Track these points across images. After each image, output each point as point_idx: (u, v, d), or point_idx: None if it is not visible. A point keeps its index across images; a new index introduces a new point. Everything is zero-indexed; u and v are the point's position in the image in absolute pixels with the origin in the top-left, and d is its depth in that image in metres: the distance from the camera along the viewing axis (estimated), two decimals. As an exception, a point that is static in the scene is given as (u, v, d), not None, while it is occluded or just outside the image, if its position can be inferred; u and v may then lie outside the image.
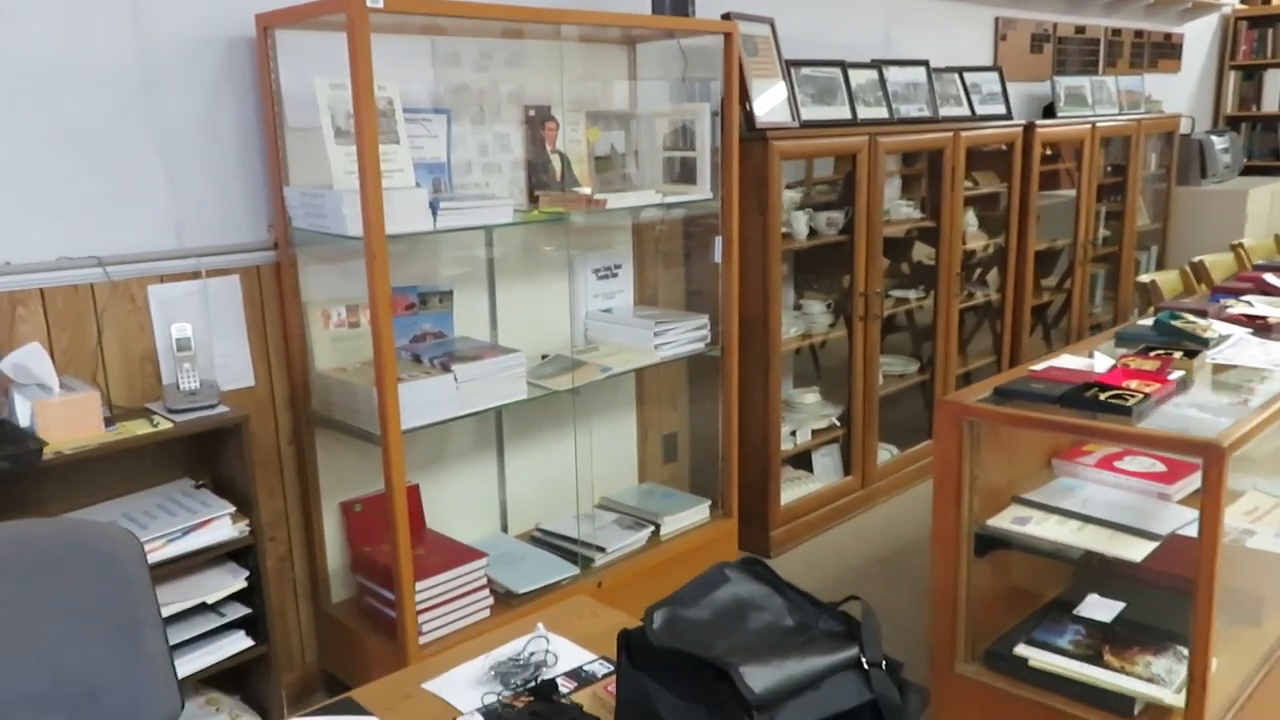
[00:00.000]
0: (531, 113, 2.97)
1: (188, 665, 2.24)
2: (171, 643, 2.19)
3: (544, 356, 3.05)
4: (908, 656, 2.60)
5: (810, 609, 1.24)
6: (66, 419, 2.07)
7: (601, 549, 2.95)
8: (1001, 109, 4.62)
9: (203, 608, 2.28)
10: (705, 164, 3.10)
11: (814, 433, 3.89)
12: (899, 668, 1.17)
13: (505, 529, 3.16)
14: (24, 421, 2.08)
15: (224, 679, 2.43)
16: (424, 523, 2.86)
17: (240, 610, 2.34)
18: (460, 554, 2.66)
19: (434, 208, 2.42)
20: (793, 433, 3.78)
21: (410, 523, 2.62)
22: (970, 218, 4.58)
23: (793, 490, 3.78)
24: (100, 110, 2.26)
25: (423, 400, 2.43)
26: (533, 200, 2.97)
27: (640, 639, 1.20)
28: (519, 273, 3.07)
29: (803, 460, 3.96)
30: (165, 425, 2.19)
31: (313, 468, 2.67)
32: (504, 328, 3.04)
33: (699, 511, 3.29)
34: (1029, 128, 4.55)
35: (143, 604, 1.67)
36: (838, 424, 3.96)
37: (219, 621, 2.30)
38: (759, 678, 1.07)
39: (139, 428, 2.17)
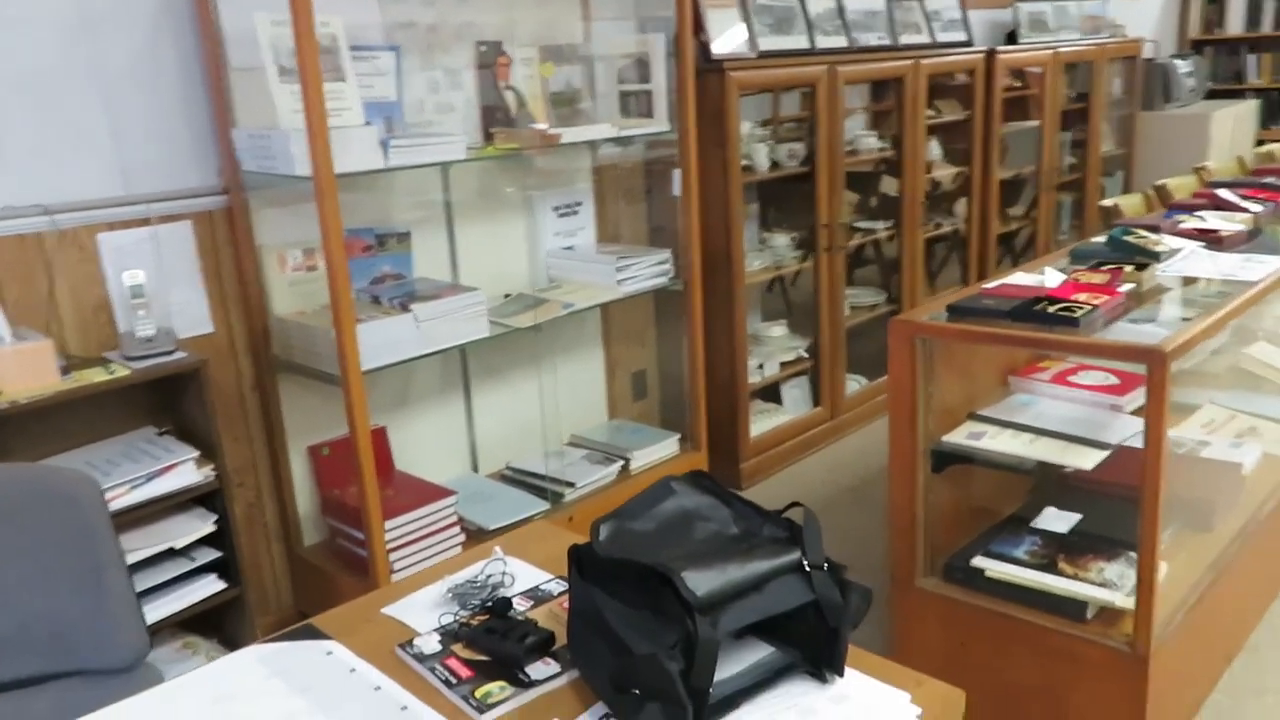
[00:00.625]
0: (483, 49, 2.93)
1: (161, 609, 2.26)
2: (143, 588, 2.22)
3: (506, 295, 3.05)
4: (874, 576, 2.66)
5: (755, 518, 1.26)
6: (20, 369, 2.06)
7: (571, 484, 2.98)
8: (963, 36, 4.59)
9: (172, 553, 2.29)
10: (661, 97, 3.07)
11: (782, 365, 3.92)
12: (841, 570, 1.20)
13: (476, 468, 3.19)
14: (-22, 373, 2.07)
15: (201, 623, 2.45)
16: (392, 464, 2.88)
17: (211, 554, 2.36)
18: (429, 493, 2.68)
19: (385, 146, 2.39)
20: (760, 366, 3.81)
21: (378, 464, 2.64)
22: (934, 147, 4.58)
23: (762, 423, 3.81)
24: (38, 53, 2.22)
25: (382, 340, 2.43)
26: (488, 138, 2.94)
27: (589, 552, 1.22)
28: (478, 213, 3.05)
29: (772, 393, 3.99)
30: (122, 373, 2.19)
31: (277, 413, 2.67)
32: (465, 268, 3.03)
33: (668, 445, 3.32)
34: (990, 55, 4.53)
35: (104, 546, 1.68)
36: (806, 356, 3.98)
37: (189, 566, 2.32)
38: (701, 581, 1.09)
39: (95, 376, 2.16)
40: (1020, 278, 2.29)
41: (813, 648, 1.19)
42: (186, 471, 2.25)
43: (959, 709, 1.17)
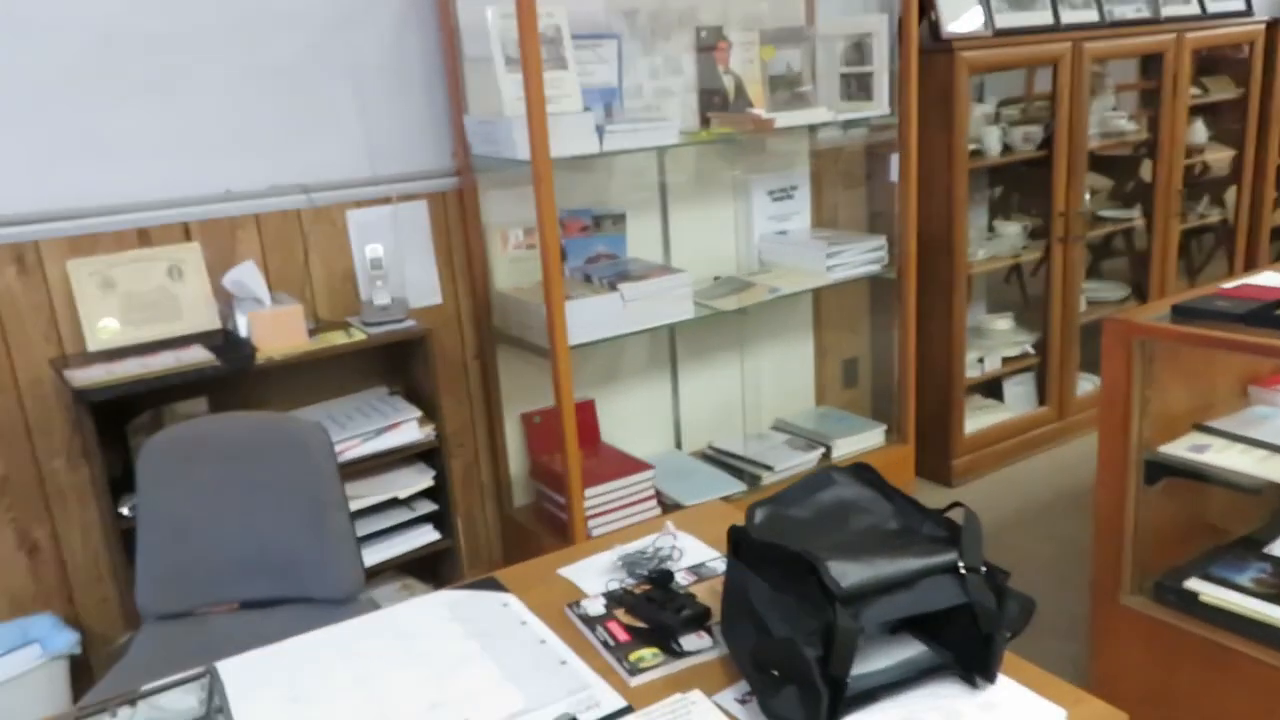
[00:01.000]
0: (703, 34, 2.98)
1: (383, 552, 2.49)
2: (369, 532, 2.46)
3: (716, 278, 3.10)
4: (1085, 589, 2.50)
5: (916, 515, 1.24)
6: (276, 329, 2.33)
7: (770, 468, 3.00)
8: (1239, 4, 4.14)
9: (395, 503, 2.52)
10: (883, 79, 3.00)
11: (1005, 360, 3.73)
12: (1001, 576, 1.16)
13: (679, 446, 3.27)
14: (242, 331, 2.36)
15: (419, 567, 2.68)
16: (598, 435, 3.01)
17: (429, 507, 2.57)
18: (629, 465, 2.78)
19: (600, 131, 2.50)
20: (980, 360, 3.65)
21: (584, 435, 2.78)
22: (1200, 130, 4.18)
23: (980, 419, 3.66)
24: (298, 50, 2.48)
25: (590, 318, 2.55)
26: (704, 123, 2.99)
27: (744, 534, 1.25)
28: (692, 196, 3.11)
29: (993, 389, 3.81)
30: (360, 336, 2.42)
31: (495, 381, 2.86)
32: (676, 250, 3.10)
33: (874, 436, 3.26)
34: (1272, 25, 4.06)
35: (329, 489, 1.89)
36: (1032, 352, 3.77)
37: (410, 516, 2.54)
38: (847, 572, 1.10)
39: (337, 338, 2.40)
40: (1268, 277, 2.07)
41: (966, 652, 1.16)
42: (410, 430, 2.47)
43: (1121, 731, 1.11)
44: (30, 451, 2.32)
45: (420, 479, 2.52)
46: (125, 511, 2.18)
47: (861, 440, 3.22)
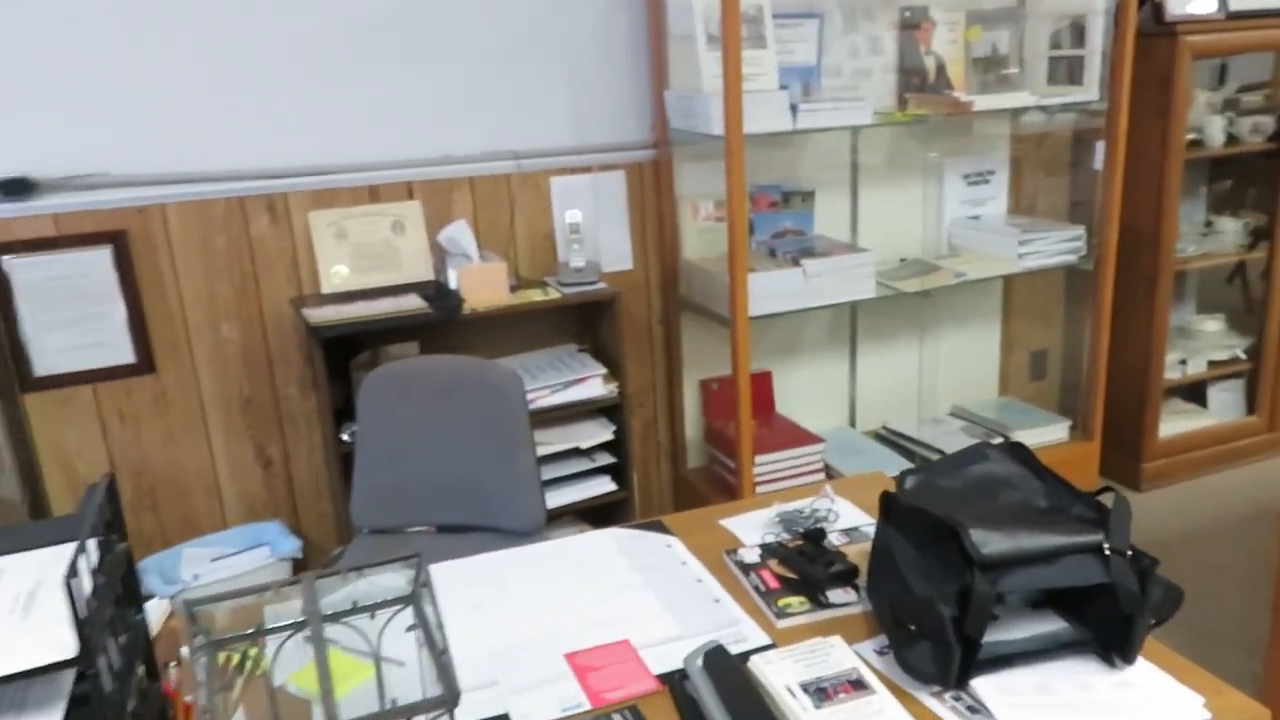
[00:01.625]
0: (907, 14, 2.97)
1: (564, 497, 2.68)
2: (550, 477, 2.65)
3: (901, 260, 3.10)
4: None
5: (1067, 496, 1.27)
6: (482, 283, 2.54)
7: (941, 452, 3.00)
8: None
9: (577, 452, 2.70)
10: (1094, 63, 2.90)
11: (1211, 364, 3.53)
12: (1150, 562, 1.18)
13: (854, 423, 3.30)
14: (452, 284, 2.59)
15: (595, 514, 2.86)
16: (773, 406, 3.09)
17: (608, 459, 2.74)
18: (801, 437, 2.86)
19: (794, 109, 2.56)
20: (1183, 361, 3.47)
21: (759, 404, 2.88)
22: None
23: (1177, 423, 3.48)
24: (518, 28, 2.67)
25: (771, 290, 2.63)
26: (902, 103, 2.99)
27: (894, 499, 1.32)
28: (884, 176, 3.12)
29: (1195, 393, 3.62)
30: (555, 295, 2.61)
31: (677, 346, 3.00)
32: (864, 229, 3.12)
33: (1056, 430, 3.19)
34: None
35: (520, 431, 2.08)
36: (1243, 357, 3.55)
37: (590, 465, 2.72)
38: (989, 541, 1.15)
39: (535, 295, 2.60)
40: None
41: (1107, 632, 1.19)
42: (595, 385, 2.64)
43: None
44: (270, 378, 2.65)
45: (602, 432, 2.69)
46: (345, 437, 2.46)
47: (1043, 433, 3.15)
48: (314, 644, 0.88)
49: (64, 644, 0.76)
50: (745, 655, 1.21)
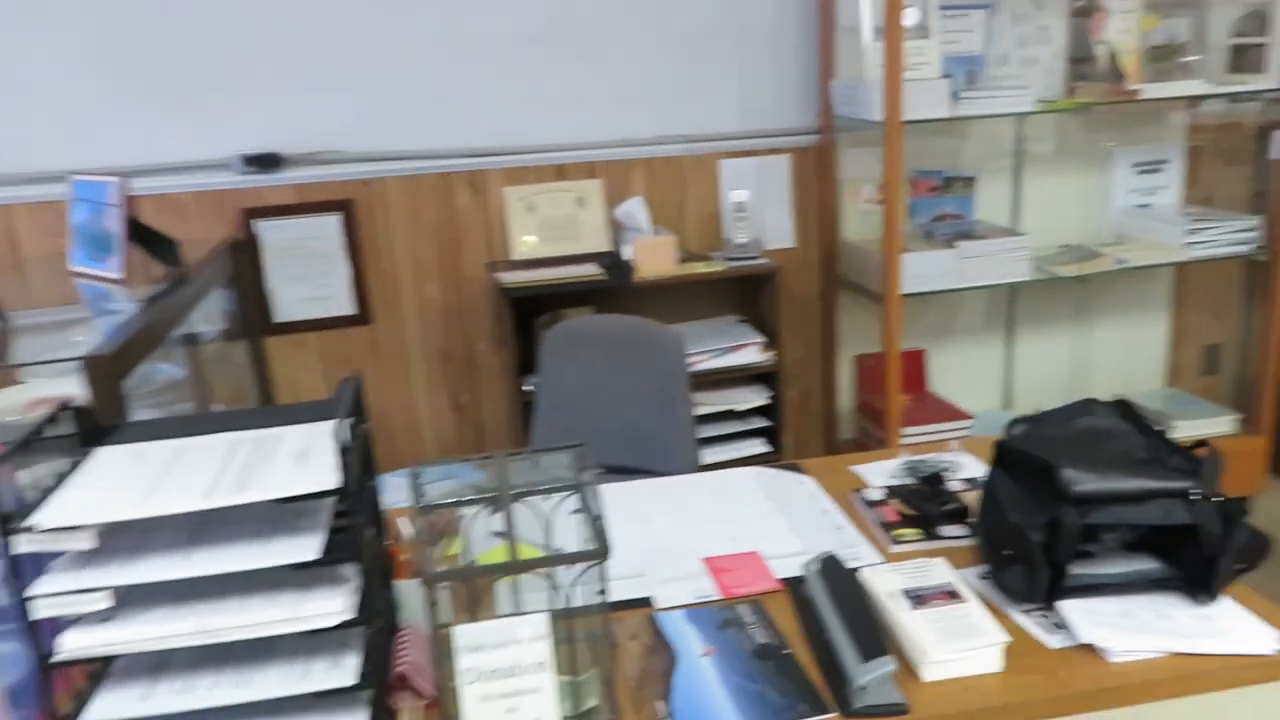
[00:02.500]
0: (1079, 3, 3.00)
1: (719, 455, 2.90)
2: (707, 435, 2.88)
3: (1063, 246, 3.14)
4: None
5: (1165, 450, 1.39)
6: (653, 254, 2.80)
7: (1093, 436, 3.03)
8: None
9: (732, 415, 2.92)
10: (1278, 51, 2.85)
11: (1406, 366, 3.37)
12: (1238, 509, 1.29)
13: (1008, 406, 3.37)
14: (626, 255, 2.86)
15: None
16: (925, 384, 3.21)
17: (762, 423, 2.94)
18: (950, 413, 2.97)
19: (955, 97, 2.67)
20: (1371, 361, 3.33)
21: (911, 381, 3.01)
22: None
23: (1362, 426, 3.35)
24: (695, 20, 2.90)
25: (924, 270, 2.76)
26: (1070, 92, 3.03)
27: (1003, 445, 1.47)
28: (1050, 164, 3.17)
29: (1386, 396, 3.45)
30: (719, 267, 2.83)
31: (834, 322, 3.16)
32: (1026, 216, 3.18)
33: (1223, 423, 3.15)
34: None
35: (679, 385, 2.31)
36: None
37: (744, 427, 2.93)
38: (1082, 480, 1.29)
39: (700, 268, 2.83)
40: None
41: (1193, 572, 1.31)
42: (753, 352, 2.84)
43: (1331, 662, 1.21)
44: (464, 334, 3.00)
45: (757, 397, 2.90)
46: (526, 388, 2.77)
47: (1206, 426, 3.12)
48: (501, 503, 1.14)
49: (330, 479, 1.05)
50: (857, 570, 1.40)
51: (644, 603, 1.39)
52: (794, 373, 3.21)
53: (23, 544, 1.00)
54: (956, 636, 1.21)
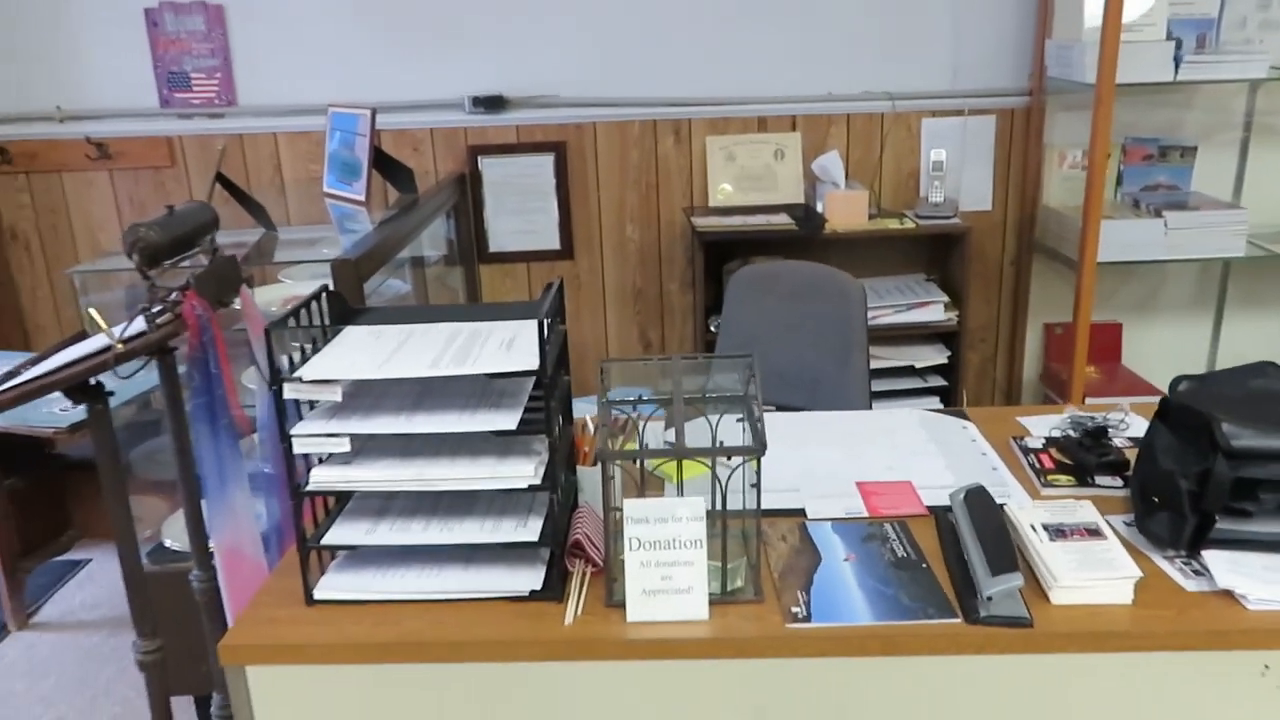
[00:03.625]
0: (1335, -37, 2.80)
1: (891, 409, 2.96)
2: (884, 389, 2.94)
3: (1291, 224, 2.97)
4: None
5: (1342, 416, 1.37)
6: (845, 208, 2.87)
7: (1302, 426, 2.87)
8: None
9: (911, 371, 2.96)
10: None
11: None
12: None
13: (1211, 391, 3.22)
14: (819, 207, 2.94)
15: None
16: (1119, 358, 3.12)
17: (940, 382, 2.97)
18: (1140, 388, 2.90)
19: (1178, 61, 2.58)
20: None
21: (1103, 354, 2.95)
22: None
23: None
24: (911, -25, 2.92)
25: (1126, 239, 2.69)
26: (1315, 59, 2.83)
27: (1167, 401, 1.49)
28: (1283, 136, 2.99)
29: None
30: (910, 225, 2.86)
31: (1026, 288, 3.12)
32: (1251, 190, 3.02)
33: None
34: None
35: (857, 334, 2.40)
36: None
37: (921, 385, 2.97)
38: (1241, 435, 1.31)
39: (891, 224, 2.87)
40: None
41: (1357, 538, 1.30)
42: (936, 311, 2.87)
43: None
44: (658, 274, 3.18)
45: (936, 356, 2.93)
46: (712, 328, 2.92)
47: None
48: (674, 400, 1.30)
49: (531, 361, 1.24)
50: (1004, 504, 1.47)
51: (799, 513, 1.52)
52: (979, 337, 3.20)
53: (289, 391, 1.25)
54: (1090, 567, 1.27)
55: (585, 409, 3.20)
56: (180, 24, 2.99)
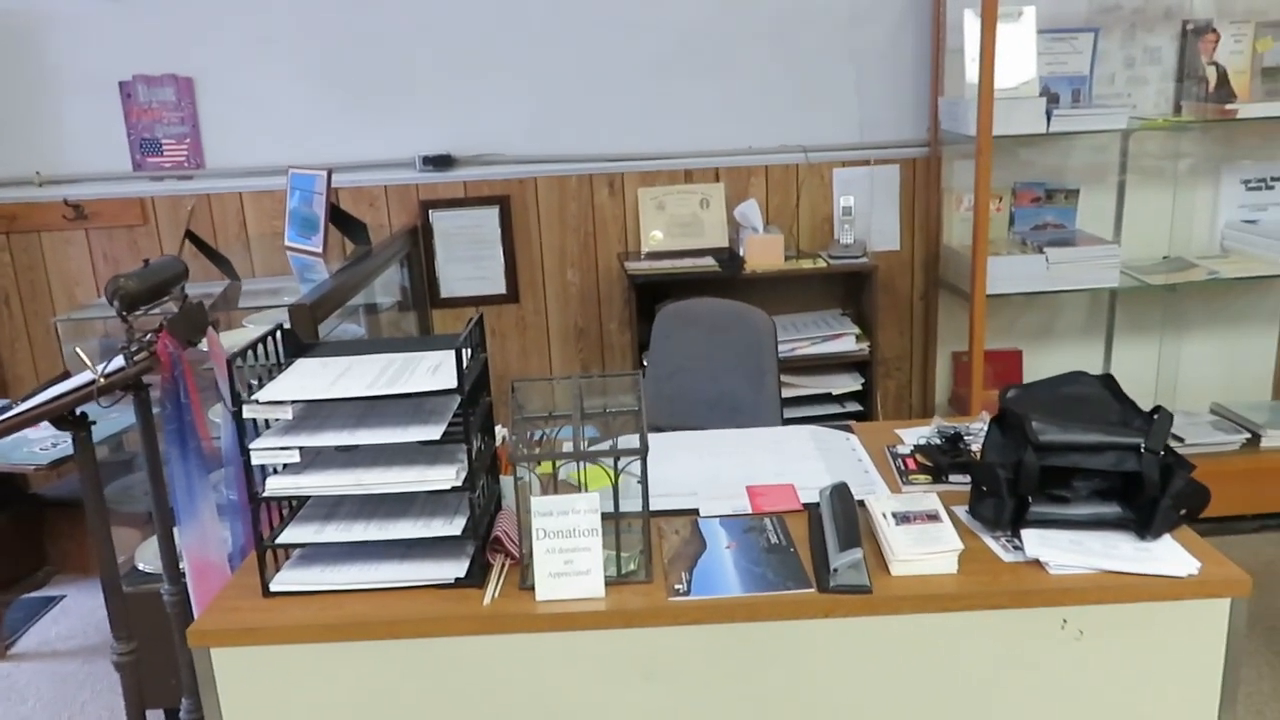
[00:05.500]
0: (1190, 26, 3.15)
1: (816, 435, 3.22)
2: (802, 415, 3.20)
3: (1165, 258, 3.28)
4: None
5: (1134, 414, 1.64)
6: (763, 250, 3.15)
7: (1180, 439, 3.16)
8: None
9: (829, 398, 3.23)
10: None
11: None
12: (1178, 463, 1.53)
13: (1108, 411, 3.51)
14: (740, 250, 3.22)
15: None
16: (1020, 382, 3.40)
17: (856, 407, 3.24)
18: (1037, 410, 3.17)
19: (1049, 114, 2.90)
20: None
21: (1004, 378, 3.24)
22: None
23: None
24: (816, 41, 3.23)
25: (1012, 273, 2.99)
26: (1178, 110, 3.17)
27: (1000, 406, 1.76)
28: (1155, 179, 3.31)
29: None
30: (822, 265, 3.15)
31: (934, 320, 3.42)
32: (1129, 228, 3.34)
33: (1326, 437, 3.20)
34: None
35: (768, 361, 2.66)
36: None
37: (839, 410, 3.24)
38: (1047, 430, 1.57)
39: (806, 264, 3.16)
40: None
41: (1140, 514, 1.57)
42: (849, 341, 3.15)
43: (1241, 590, 1.45)
44: (598, 314, 3.44)
45: (851, 383, 3.20)
46: (645, 363, 3.18)
47: (1308, 438, 3.19)
48: (574, 422, 1.55)
49: (450, 381, 1.49)
50: (863, 500, 1.72)
51: (693, 512, 1.76)
52: (895, 365, 3.48)
53: (249, 411, 1.49)
54: (923, 543, 1.52)
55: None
56: (152, 94, 3.25)
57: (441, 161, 3.29)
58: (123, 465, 2.91)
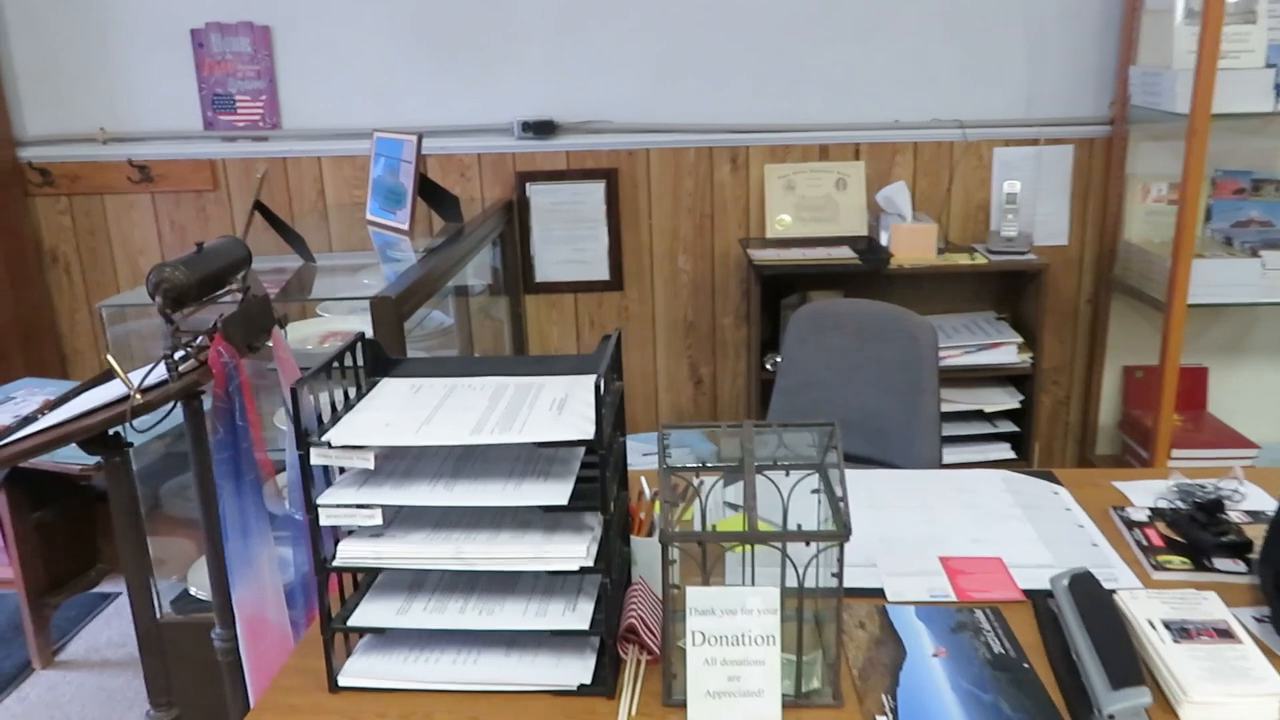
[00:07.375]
0: None
1: (961, 455, 2.78)
2: (950, 434, 2.77)
3: (1397, 265, 2.75)
4: None
5: None
6: (911, 242, 2.70)
7: None
8: None
9: (980, 415, 2.78)
10: None
11: None
12: None
13: (1304, 441, 3.00)
14: (883, 240, 2.78)
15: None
16: (1204, 404, 2.92)
17: (1010, 428, 2.79)
18: (1230, 439, 2.69)
19: (1278, 90, 2.39)
20: None
21: (1187, 400, 2.76)
22: None
23: None
24: (981, 1, 2.76)
25: (1217, 279, 2.50)
26: None
27: (1303, 478, 1.31)
28: (1388, 170, 2.78)
29: None
30: (981, 260, 2.69)
31: (1104, 328, 2.93)
32: (1352, 228, 2.81)
33: None
34: None
35: (927, 377, 2.23)
36: None
37: (991, 430, 2.79)
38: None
39: (961, 259, 2.70)
40: None
41: None
42: (1009, 352, 2.70)
43: None
44: (711, 307, 3.03)
45: (1008, 400, 2.75)
46: (768, 366, 2.77)
47: None
48: (743, 473, 1.15)
49: (587, 429, 1.10)
50: (1114, 591, 1.30)
51: (876, 593, 1.36)
52: (1051, 379, 3.01)
53: (317, 458, 1.12)
54: (1226, 678, 1.10)
55: (635, 447, 3.06)
56: (226, 45, 2.92)
57: (543, 128, 2.90)
58: (182, 459, 2.61)
